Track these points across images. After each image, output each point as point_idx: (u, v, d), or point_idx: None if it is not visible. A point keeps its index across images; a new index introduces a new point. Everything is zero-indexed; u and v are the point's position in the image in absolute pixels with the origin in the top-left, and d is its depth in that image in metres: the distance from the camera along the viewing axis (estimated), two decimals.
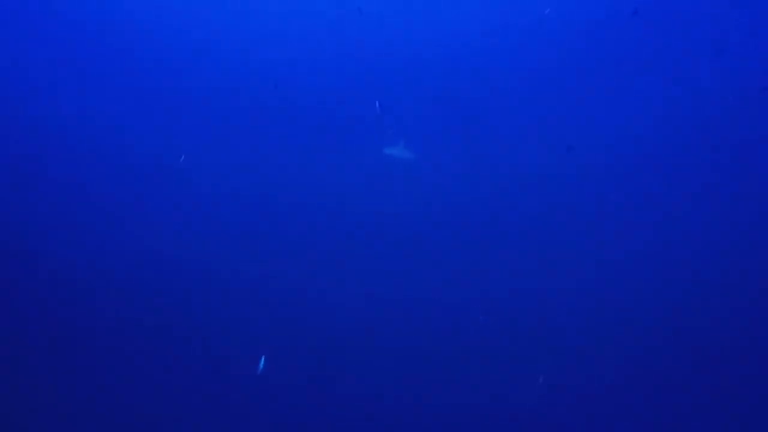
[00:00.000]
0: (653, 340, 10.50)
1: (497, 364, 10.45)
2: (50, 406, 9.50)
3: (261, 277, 11.07)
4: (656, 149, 11.67)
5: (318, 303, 10.95)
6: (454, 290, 11.05)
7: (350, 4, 12.68)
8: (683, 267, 10.97)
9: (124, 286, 10.77)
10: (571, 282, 11.00)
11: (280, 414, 10.02)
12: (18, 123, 11.69)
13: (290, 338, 10.61)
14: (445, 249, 11.44)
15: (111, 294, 10.64)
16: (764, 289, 10.52)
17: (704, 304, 10.65)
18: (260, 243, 11.43)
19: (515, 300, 10.96)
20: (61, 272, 10.75)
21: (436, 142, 11.91)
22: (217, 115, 12.29)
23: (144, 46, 12.47)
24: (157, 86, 12.35)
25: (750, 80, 11.42)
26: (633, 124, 11.81)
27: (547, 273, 11.14)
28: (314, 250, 11.41)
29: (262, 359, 9.30)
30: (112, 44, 12.33)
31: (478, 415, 10.11)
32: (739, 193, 11.17)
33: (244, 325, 10.67)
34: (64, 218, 11.24)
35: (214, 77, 12.46)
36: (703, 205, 11.20)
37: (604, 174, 11.68)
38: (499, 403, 10.16)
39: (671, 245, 11.15)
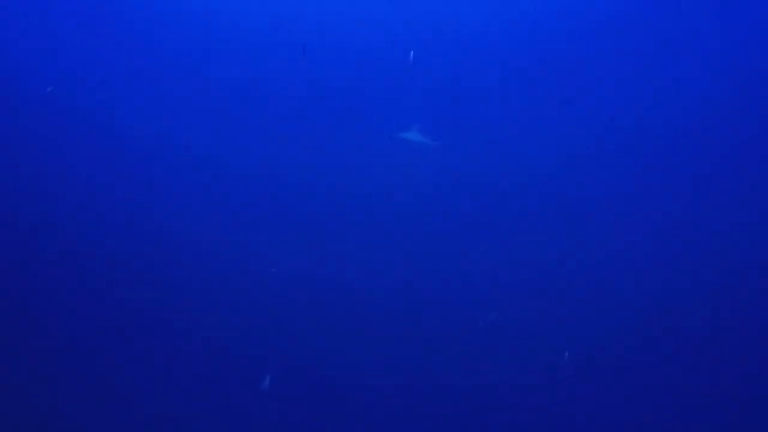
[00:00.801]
0: (660, 336, 10.57)
1: (517, 356, 10.52)
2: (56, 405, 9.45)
3: (271, 264, 11.02)
4: (662, 145, 11.74)
5: (331, 289, 10.95)
6: (465, 277, 11.08)
7: None
8: (684, 263, 11.04)
9: (126, 282, 10.74)
10: (586, 269, 11.07)
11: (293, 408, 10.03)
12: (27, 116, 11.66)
13: (303, 327, 10.62)
14: (458, 235, 11.44)
15: (114, 292, 10.60)
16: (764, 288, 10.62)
17: (703, 301, 10.73)
18: (271, 230, 11.39)
19: (525, 286, 10.99)
20: (72, 269, 10.71)
21: (451, 126, 11.90)
22: (231, 103, 12.23)
23: (155, 32, 12.41)
24: (169, 72, 12.28)
25: (749, 79, 11.48)
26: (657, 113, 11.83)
27: (560, 257, 11.18)
28: (327, 236, 11.40)
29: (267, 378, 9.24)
30: (124, 29, 12.27)
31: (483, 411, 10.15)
32: (739, 192, 11.25)
33: (254, 314, 10.67)
34: (79, 214, 11.21)
35: (224, 66, 12.38)
36: (705, 202, 11.27)
37: (617, 162, 11.75)
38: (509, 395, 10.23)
39: (672, 240, 11.22)
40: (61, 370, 9.83)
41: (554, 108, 11.89)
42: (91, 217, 11.22)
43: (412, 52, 9.76)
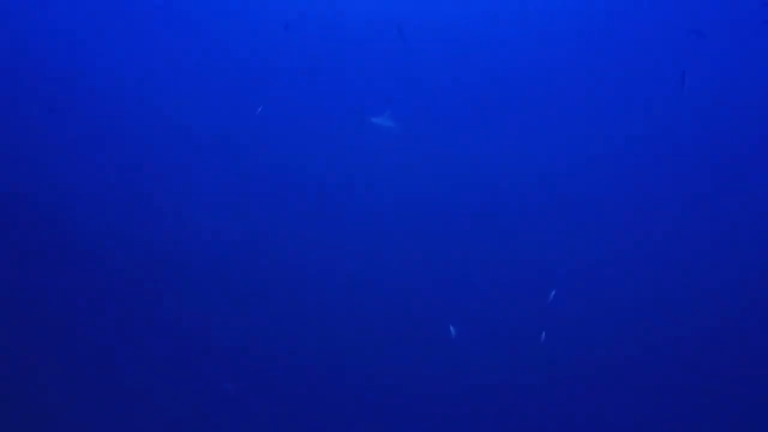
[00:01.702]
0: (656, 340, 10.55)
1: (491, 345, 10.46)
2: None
3: (244, 248, 11.00)
4: (654, 148, 11.73)
5: (315, 278, 10.92)
6: (439, 264, 11.04)
7: None
8: (680, 268, 11.03)
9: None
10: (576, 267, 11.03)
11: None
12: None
13: (271, 315, 10.56)
14: (430, 220, 11.43)
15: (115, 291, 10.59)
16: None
17: (702, 307, 10.72)
18: (243, 213, 11.36)
19: (496, 269, 10.97)
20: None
21: (422, 111, 11.90)
22: (211, 80, 12.26)
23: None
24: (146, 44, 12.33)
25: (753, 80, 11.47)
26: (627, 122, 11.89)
27: (536, 240, 11.19)
28: (297, 221, 11.37)
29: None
30: (115, 23, 12.30)
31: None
32: (740, 194, 11.24)
33: (227, 307, 10.59)
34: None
35: (204, 43, 12.43)
36: (705, 205, 11.26)
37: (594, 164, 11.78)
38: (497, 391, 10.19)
39: (667, 244, 11.21)
40: (65, 367, 9.82)
41: (543, 104, 11.91)
42: (89, 210, 11.26)
43: (398, 27, 9.60)
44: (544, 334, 9.87)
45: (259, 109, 11.38)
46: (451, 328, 9.42)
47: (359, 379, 10.11)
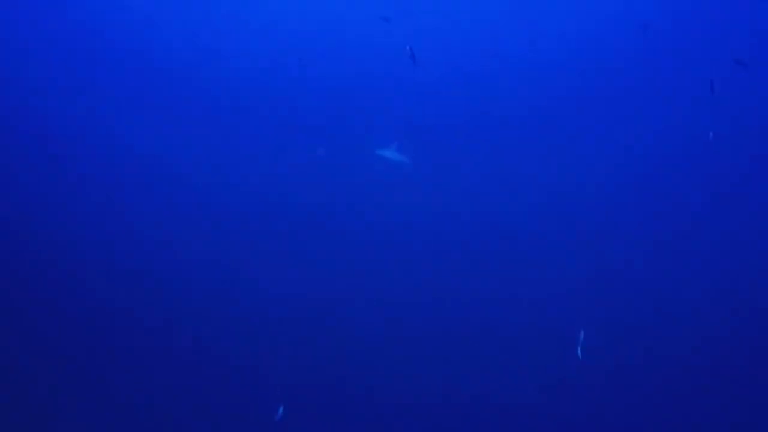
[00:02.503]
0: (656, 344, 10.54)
1: (492, 369, 10.37)
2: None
3: (251, 274, 11.00)
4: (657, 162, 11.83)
5: (307, 300, 10.85)
6: (445, 289, 11.00)
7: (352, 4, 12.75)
8: (688, 271, 11.06)
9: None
10: (565, 287, 11.04)
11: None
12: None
13: (278, 337, 10.51)
14: (436, 250, 11.43)
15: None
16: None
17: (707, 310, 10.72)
18: (252, 242, 11.40)
19: (504, 296, 10.93)
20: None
21: (428, 145, 11.94)
22: (214, 115, 12.30)
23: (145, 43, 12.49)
24: (155, 85, 12.35)
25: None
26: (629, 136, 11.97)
27: (541, 273, 11.18)
28: (304, 248, 11.41)
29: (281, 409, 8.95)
30: (114, 41, 12.33)
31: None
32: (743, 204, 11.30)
33: (230, 323, 10.54)
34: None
35: (211, 80, 12.47)
36: (708, 215, 11.32)
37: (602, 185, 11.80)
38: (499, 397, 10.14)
39: (667, 253, 11.25)
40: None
41: (533, 129, 11.99)
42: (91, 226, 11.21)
43: (408, 46, 9.63)
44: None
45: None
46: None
47: (359, 389, 10.11)
